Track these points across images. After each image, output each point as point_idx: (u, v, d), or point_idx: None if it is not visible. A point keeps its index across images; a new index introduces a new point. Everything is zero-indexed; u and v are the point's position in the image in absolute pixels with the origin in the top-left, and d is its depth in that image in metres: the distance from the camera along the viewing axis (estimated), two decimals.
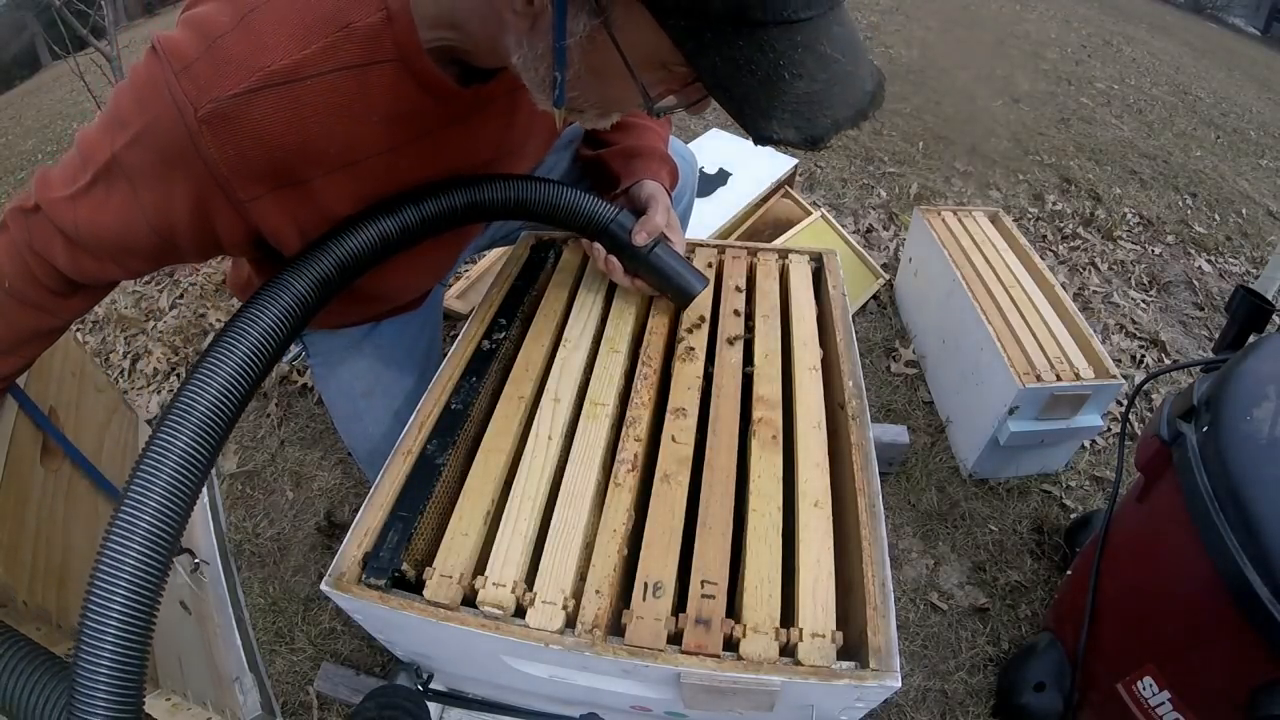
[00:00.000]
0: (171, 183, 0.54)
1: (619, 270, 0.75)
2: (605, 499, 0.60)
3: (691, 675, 0.49)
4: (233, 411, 0.51)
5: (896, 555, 1.17)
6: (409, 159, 0.62)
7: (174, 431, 0.48)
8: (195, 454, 0.48)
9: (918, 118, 2.60)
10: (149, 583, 0.45)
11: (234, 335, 0.53)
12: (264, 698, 0.96)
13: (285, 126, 0.52)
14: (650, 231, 0.73)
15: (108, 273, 0.63)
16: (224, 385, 0.51)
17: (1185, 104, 3.22)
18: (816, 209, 1.65)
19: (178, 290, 1.81)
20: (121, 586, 0.44)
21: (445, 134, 0.63)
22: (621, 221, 0.72)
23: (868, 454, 0.63)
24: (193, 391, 0.50)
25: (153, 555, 0.45)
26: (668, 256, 0.74)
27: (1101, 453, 1.37)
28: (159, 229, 0.57)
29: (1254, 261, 1.99)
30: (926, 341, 1.48)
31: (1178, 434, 0.70)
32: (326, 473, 1.33)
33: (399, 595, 0.54)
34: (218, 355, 0.52)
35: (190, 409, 0.49)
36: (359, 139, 0.57)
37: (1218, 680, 0.67)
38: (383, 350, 0.88)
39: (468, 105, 0.62)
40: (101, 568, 0.44)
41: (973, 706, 0.99)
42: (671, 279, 0.74)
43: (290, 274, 0.57)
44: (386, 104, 0.56)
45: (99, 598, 0.43)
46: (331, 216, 0.61)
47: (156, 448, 0.47)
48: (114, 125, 0.54)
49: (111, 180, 0.56)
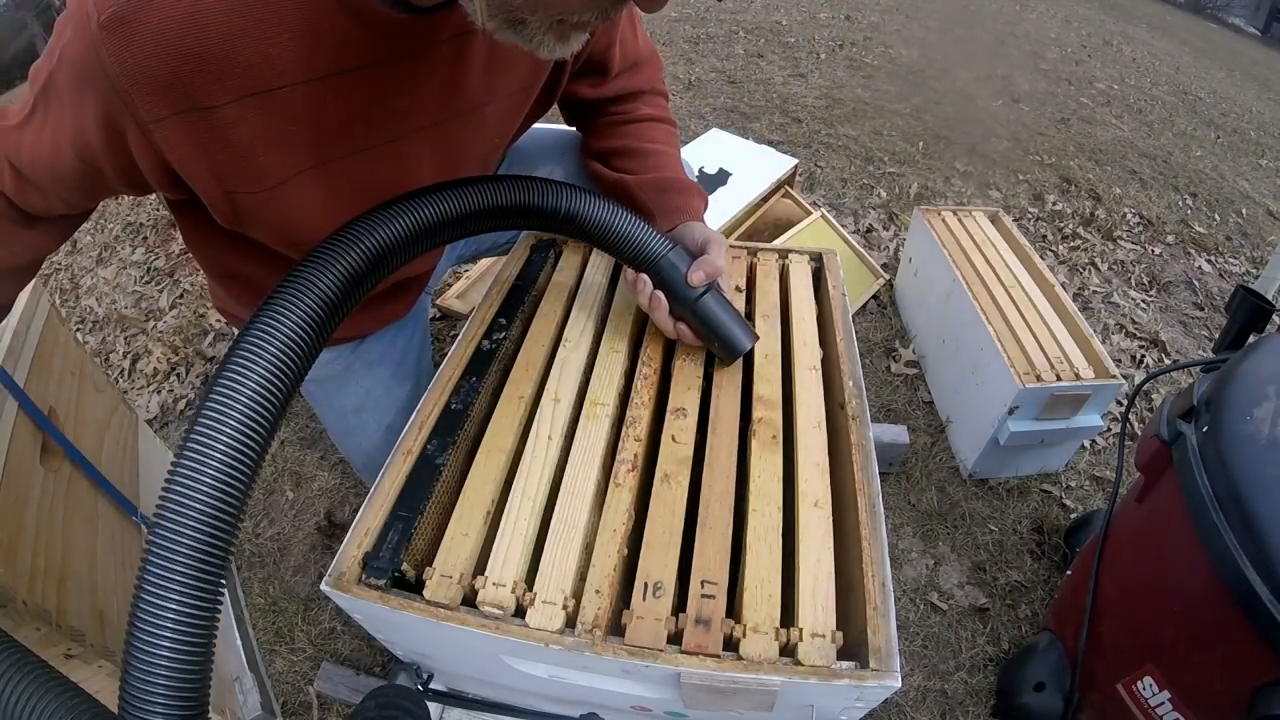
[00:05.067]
0: (85, 100, 0.51)
1: (663, 309, 0.68)
2: (605, 499, 0.60)
3: (691, 675, 0.49)
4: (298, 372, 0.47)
5: (896, 555, 1.17)
6: (334, 97, 0.55)
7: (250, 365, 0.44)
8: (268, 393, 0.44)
9: (918, 118, 2.59)
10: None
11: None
12: (264, 698, 0.96)
13: (183, 32, 0.47)
14: (710, 273, 0.66)
15: (50, 205, 0.61)
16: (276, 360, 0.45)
17: (1185, 104, 3.22)
18: (816, 209, 1.65)
19: (178, 290, 1.81)
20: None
21: (378, 74, 0.56)
22: (674, 259, 0.66)
23: (868, 454, 0.63)
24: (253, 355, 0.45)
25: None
26: (717, 305, 0.67)
27: (1101, 453, 1.37)
28: (82, 152, 0.54)
29: (1254, 261, 1.99)
30: (926, 341, 1.48)
31: (1178, 434, 0.70)
32: (326, 473, 1.33)
33: (399, 595, 0.54)
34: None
35: (259, 355, 0.45)
36: (268, 58, 0.51)
37: (1218, 680, 0.67)
38: (372, 366, 0.87)
39: (402, 41, 0.55)
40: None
41: (973, 706, 0.99)
42: (719, 330, 0.67)
43: (336, 246, 0.51)
44: (298, 19, 0.50)
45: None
46: (248, 162, 0.55)
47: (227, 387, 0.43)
48: (51, 47, 0.51)
49: (48, 103, 0.54)
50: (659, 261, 0.66)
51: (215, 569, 0.41)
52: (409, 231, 0.55)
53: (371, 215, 0.54)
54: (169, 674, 0.38)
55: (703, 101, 2.67)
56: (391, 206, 0.55)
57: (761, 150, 1.80)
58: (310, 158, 0.59)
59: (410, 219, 0.55)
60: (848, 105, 2.66)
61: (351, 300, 0.51)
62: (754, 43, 3.31)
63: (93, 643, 0.72)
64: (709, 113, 2.58)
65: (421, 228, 0.56)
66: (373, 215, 0.54)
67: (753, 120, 2.52)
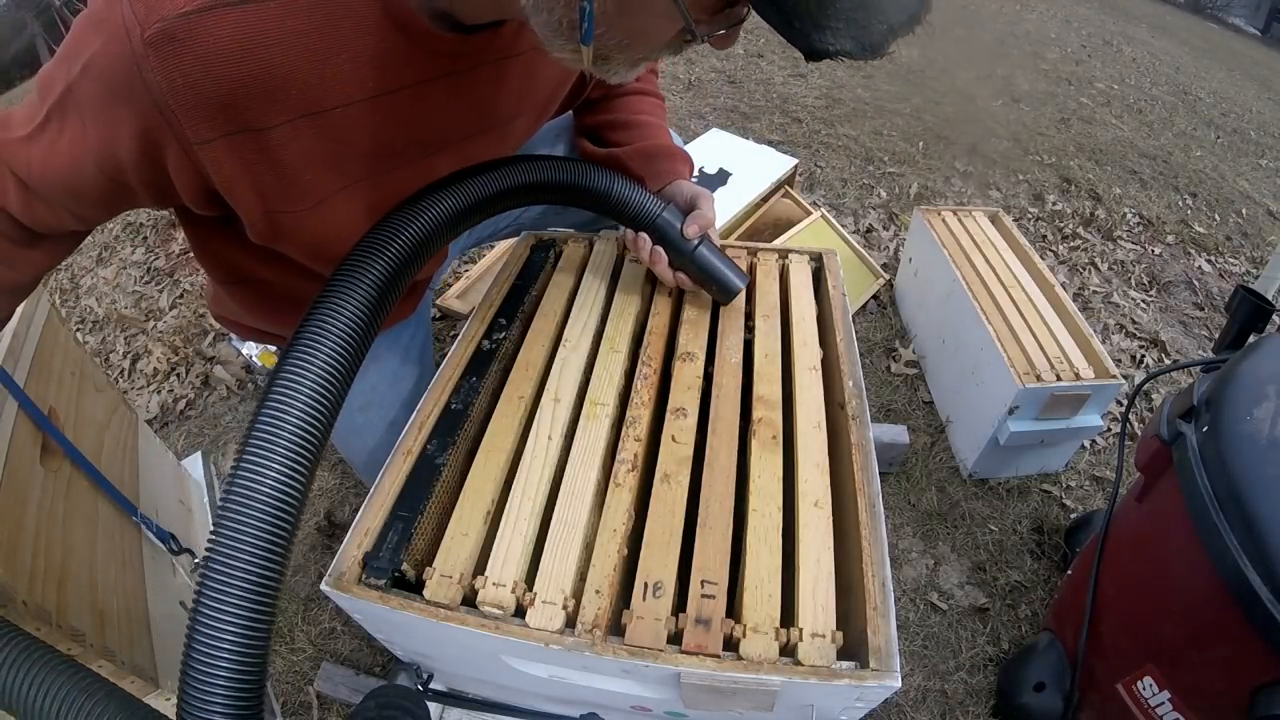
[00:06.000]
0: (117, 116, 0.49)
1: (664, 262, 0.74)
2: (605, 499, 0.60)
3: (691, 675, 0.49)
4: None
5: (896, 555, 1.17)
6: (382, 115, 0.56)
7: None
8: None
9: (918, 118, 2.59)
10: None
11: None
12: (264, 697, 0.96)
13: (240, 53, 0.46)
14: (703, 226, 0.73)
15: (62, 221, 0.58)
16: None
17: (1185, 104, 3.22)
18: (816, 209, 1.64)
19: (178, 290, 1.81)
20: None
21: (424, 90, 0.57)
22: (669, 216, 0.73)
23: (868, 454, 0.63)
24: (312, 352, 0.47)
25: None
26: (711, 254, 0.74)
27: (1101, 453, 1.37)
28: (106, 168, 0.52)
29: (1254, 261, 1.99)
30: (926, 341, 1.48)
31: (1178, 434, 0.70)
32: (326, 473, 1.33)
33: (399, 595, 0.54)
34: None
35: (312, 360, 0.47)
36: (324, 80, 0.51)
37: (1218, 680, 0.67)
38: (380, 362, 0.87)
39: (451, 58, 0.57)
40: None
41: (973, 706, 0.99)
42: (714, 275, 0.75)
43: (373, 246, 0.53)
44: (356, 40, 0.50)
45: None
46: (294, 181, 0.55)
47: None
48: (69, 55, 0.49)
49: (65, 115, 0.51)
50: (656, 220, 0.72)
51: (274, 573, 0.44)
52: (432, 227, 0.56)
53: (393, 217, 0.55)
54: (228, 675, 0.41)
55: (703, 101, 2.67)
56: (411, 206, 0.56)
57: (761, 150, 1.80)
58: (352, 175, 0.60)
59: (431, 214, 0.56)
60: (848, 105, 2.66)
61: (392, 299, 0.53)
62: (754, 43, 3.31)
63: (92, 643, 0.72)
64: (709, 113, 2.58)
65: (444, 220, 0.57)
66: (394, 217, 0.55)
67: (753, 120, 2.52)
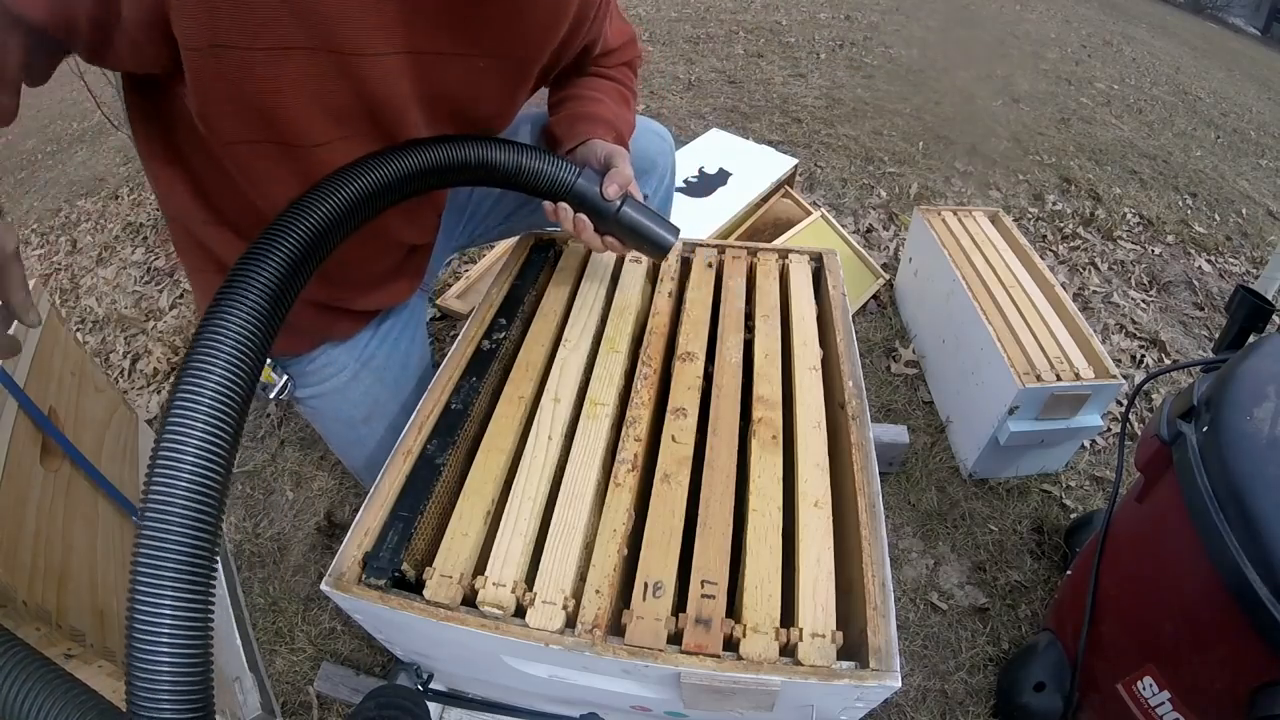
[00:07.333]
0: None
1: (589, 229, 0.72)
2: (605, 499, 0.60)
3: (691, 675, 0.49)
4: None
5: (896, 555, 1.17)
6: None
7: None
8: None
9: (918, 118, 2.60)
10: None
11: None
12: (264, 698, 0.96)
13: None
14: (621, 184, 0.70)
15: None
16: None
17: (1185, 104, 3.22)
18: (816, 209, 1.65)
19: (178, 290, 1.81)
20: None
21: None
22: (585, 181, 0.70)
23: (868, 454, 0.63)
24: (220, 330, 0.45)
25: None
26: (637, 211, 0.72)
27: (1101, 453, 1.37)
28: None
29: (1254, 261, 1.99)
30: (926, 341, 1.48)
31: (1178, 434, 0.70)
32: (326, 473, 1.33)
33: (399, 595, 0.54)
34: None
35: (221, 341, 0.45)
36: None
37: (1218, 680, 0.67)
38: (379, 373, 0.87)
39: None
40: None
41: (973, 706, 0.99)
42: (644, 233, 0.72)
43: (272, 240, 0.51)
44: None
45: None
46: (253, 12, 0.50)
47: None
48: None
49: None
50: (573, 187, 0.69)
51: (205, 545, 0.41)
52: (340, 210, 0.54)
53: (309, 194, 0.54)
54: (170, 652, 0.38)
55: (703, 101, 2.67)
56: (321, 185, 0.55)
57: (761, 150, 1.80)
58: (316, 38, 0.54)
59: (339, 196, 0.55)
60: (848, 105, 2.66)
61: (301, 279, 0.52)
62: (754, 43, 3.31)
63: (92, 643, 0.72)
64: (709, 113, 2.58)
65: (351, 202, 0.55)
66: (310, 194, 0.54)
67: (753, 120, 2.52)
